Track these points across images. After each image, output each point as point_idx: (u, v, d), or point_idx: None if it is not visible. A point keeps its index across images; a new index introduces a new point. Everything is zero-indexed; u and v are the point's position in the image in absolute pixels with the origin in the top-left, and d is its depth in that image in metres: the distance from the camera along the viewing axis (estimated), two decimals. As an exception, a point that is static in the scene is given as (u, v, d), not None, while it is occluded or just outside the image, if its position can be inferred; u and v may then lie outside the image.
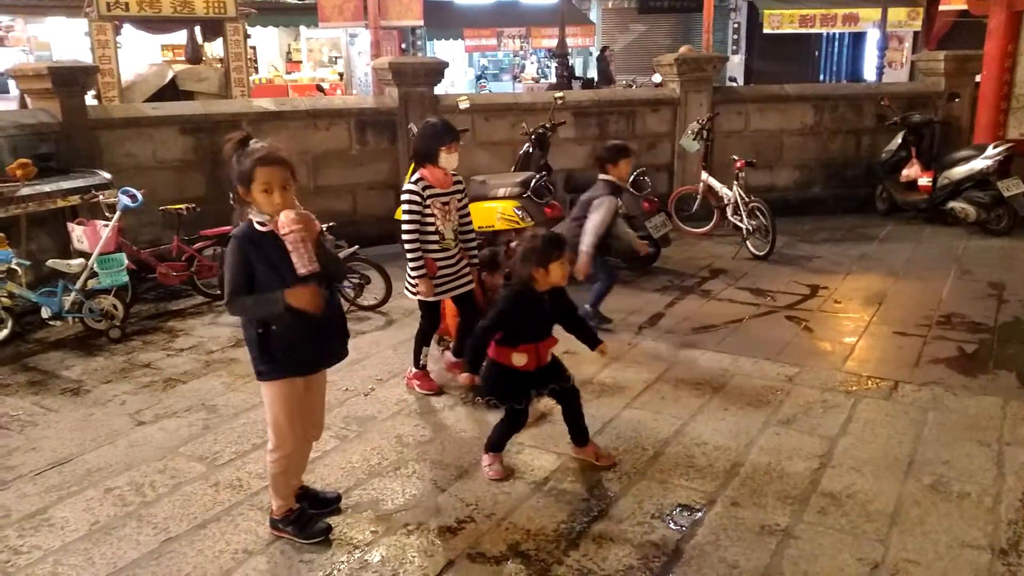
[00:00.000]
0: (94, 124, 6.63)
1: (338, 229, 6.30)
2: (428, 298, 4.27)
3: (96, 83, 9.20)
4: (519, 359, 3.41)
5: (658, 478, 3.53)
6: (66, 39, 16.94)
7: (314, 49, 22.80)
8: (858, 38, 24.19)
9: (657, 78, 10.04)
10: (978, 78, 8.68)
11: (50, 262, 5.36)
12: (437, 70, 7.98)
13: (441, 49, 22.31)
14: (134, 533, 3.18)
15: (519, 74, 24.42)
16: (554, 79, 17.59)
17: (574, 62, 22.65)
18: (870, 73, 22.20)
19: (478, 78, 24.42)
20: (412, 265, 4.20)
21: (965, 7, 10.37)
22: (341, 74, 20.98)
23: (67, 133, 6.38)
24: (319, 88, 15.95)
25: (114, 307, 5.36)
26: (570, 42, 21.19)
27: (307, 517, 3.13)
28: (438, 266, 4.20)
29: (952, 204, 7.90)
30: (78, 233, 5.49)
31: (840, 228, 8.19)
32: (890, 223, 8.36)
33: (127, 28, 10.98)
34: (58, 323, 5.42)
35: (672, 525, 3.17)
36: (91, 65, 7.52)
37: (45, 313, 5.31)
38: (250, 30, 17.85)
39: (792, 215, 8.28)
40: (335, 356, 3.12)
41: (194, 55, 12.17)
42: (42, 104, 6.56)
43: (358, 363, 4.83)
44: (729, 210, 7.55)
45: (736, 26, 23.83)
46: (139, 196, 5.50)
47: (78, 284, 5.25)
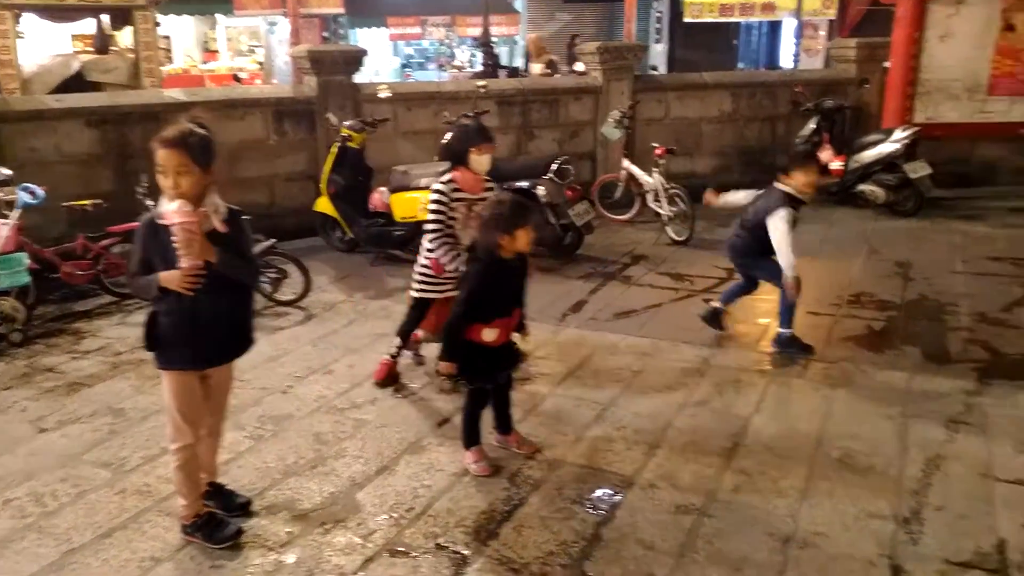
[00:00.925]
0: (-8, 117, 6.30)
1: (255, 222, 6.14)
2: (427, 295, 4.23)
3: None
4: (490, 335, 3.32)
5: (579, 463, 3.55)
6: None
7: (232, 38, 22.13)
8: (775, 26, 24.78)
9: (580, 66, 10.07)
10: (887, 65, 8.99)
11: (-57, 264, 5.07)
12: (356, 58, 7.84)
13: (364, 37, 21.92)
14: (34, 546, 3.04)
15: (446, 63, 24.21)
16: (480, 68, 17.52)
17: (499, 51, 22.59)
18: (787, 61, 22.80)
19: (403, 67, 24.12)
20: (445, 259, 4.06)
21: (874, -4, 10.70)
22: (261, 63, 20.45)
23: (-40, 127, 6.04)
24: (235, 78, 15.50)
25: (14, 309, 5.10)
26: (495, 31, 21.13)
27: (216, 521, 3.04)
28: (441, 268, 4.13)
29: (862, 187, 8.17)
30: (-26, 232, 5.20)
31: (757, 212, 8.36)
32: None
33: (32, 17, 10.47)
34: (-46, 328, 5.13)
35: (591, 509, 3.20)
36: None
37: (-61, 318, 5.02)
38: (163, 18, 17.22)
39: (712, 200, 8.42)
40: (226, 353, 3.03)
41: (102, 45, 11.68)
42: (-69, 96, 6.20)
43: (276, 360, 4.72)
44: (650, 197, 7.65)
45: (659, 15, 24.16)
46: (40, 192, 5.24)
47: (-26, 286, 4.97)
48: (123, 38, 12.70)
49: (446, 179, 4.09)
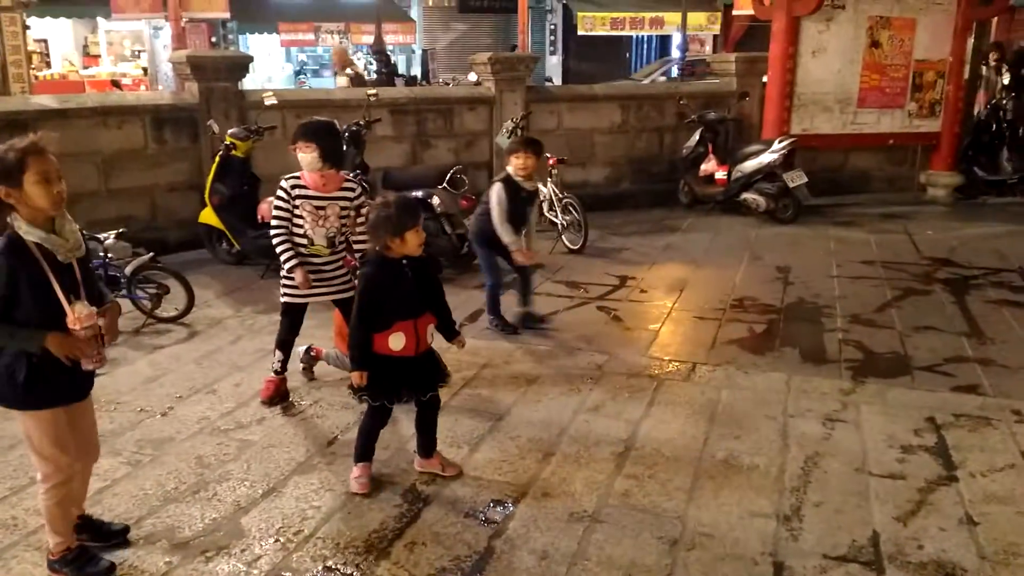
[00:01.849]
0: None
1: (135, 235, 5.87)
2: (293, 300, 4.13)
3: None
4: (396, 341, 3.20)
5: (472, 475, 3.53)
6: None
7: (114, 42, 21.13)
8: (665, 40, 25.66)
9: (473, 76, 10.11)
10: (765, 78, 9.41)
11: None
12: (241, 64, 7.62)
13: (255, 43, 21.36)
14: None
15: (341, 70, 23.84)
16: (375, 76, 17.34)
17: (397, 59, 22.44)
18: (676, 74, 23.58)
19: (298, 73, 23.62)
20: (283, 259, 4.05)
21: (754, 12, 11.17)
22: (145, 69, 19.61)
23: None
24: (115, 84, 14.78)
25: None
26: (391, 39, 20.98)
27: (88, 556, 2.86)
28: (307, 269, 4.04)
29: (745, 196, 8.52)
30: None
31: (647, 221, 8.61)
32: (692, 215, 8.90)
33: None
34: None
35: (484, 522, 3.18)
36: None
37: None
38: (38, 21, 16.29)
39: (604, 210, 8.61)
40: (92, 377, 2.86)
41: (-36, 47, 10.92)
42: None
43: (155, 380, 4.50)
44: (545, 206, 7.73)
45: (553, 27, 24.58)
46: None
47: None
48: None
49: (288, 176, 4.06)
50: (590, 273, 6.65)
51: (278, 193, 4.04)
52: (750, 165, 8.43)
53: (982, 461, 3.62)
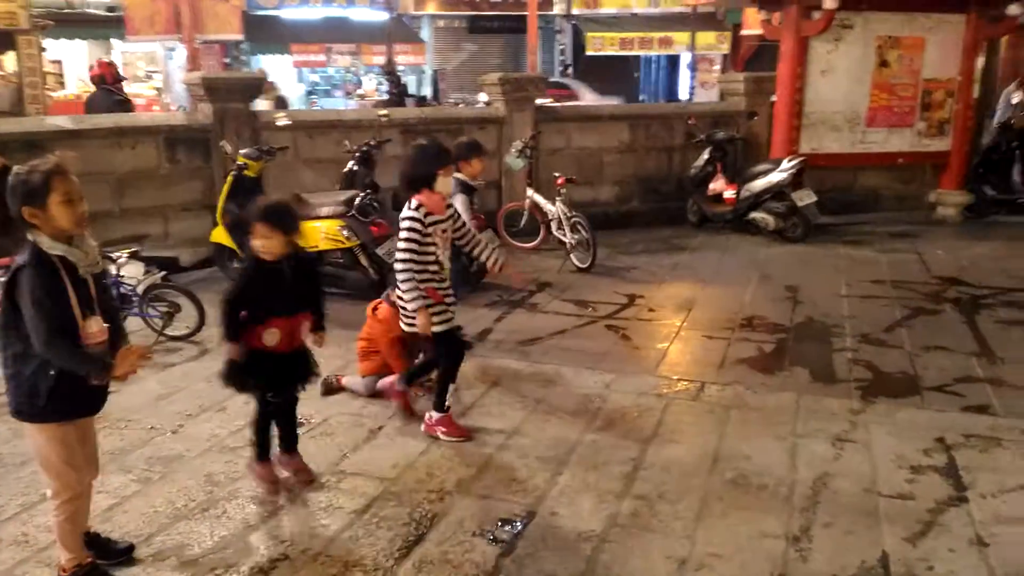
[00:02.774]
0: None
1: (148, 254, 5.92)
2: (429, 331, 3.93)
3: None
4: (270, 337, 3.33)
5: (481, 494, 3.53)
6: None
7: (129, 63, 21.42)
8: (674, 60, 25.77)
9: (484, 97, 10.19)
10: (774, 98, 9.44)
11: None
12: (254, 85, 7.70)
13: (268, 64, 21.61)
14: None
15: (353, 90, 24.08)
16: (386, 96, 17.51)
17: (407, 80, 22.64)
18: (685, 93, 23.72)
19: (309, 94, 23.87)
20: (408, 297, 3.85)
21: (762, 32, 11.22)
22: (159, 89, 19.87)
23: None
24: (130, 104, 14.93)
25: None
26: (401, 60, 21.20)
27: (99, 573, 2.88)
28: (440, 295, 3.95)
29: (754, 215, 8.52)
30: None
31: (656, 240, 8.62)
32: (701, 234, 8.91)
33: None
34: None
35: (493, 541, 3.18)
36: None
37: None
38: (53, 43, 16.54)
39: (613, 228, 8.63)
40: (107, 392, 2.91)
41: (-17, 69, 11.13)
42: None
43: (166, 398, 4.53)
44: (553, 225, 7.76)
45: (562, 48, 24.74)
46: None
47: None
48: (8, 63, 12.13)
49: (415, 206, 3.86)
50: (598, 292, 6.66)
51: (411, 226, 3.82)
52: (759, 184, 8.44)
53: (993, 482, 3.59)
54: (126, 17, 10.71)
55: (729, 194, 8.74)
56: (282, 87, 18.42)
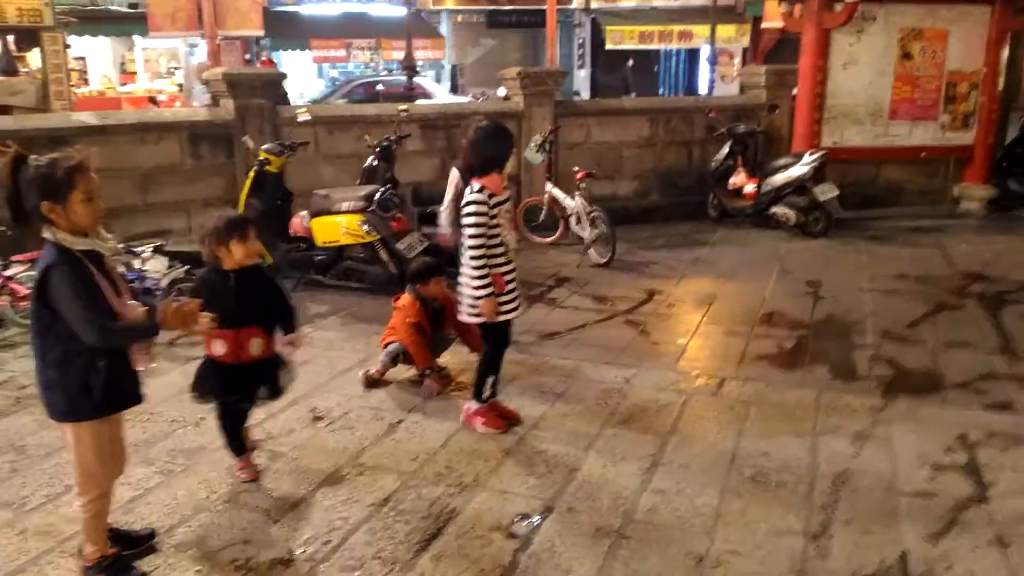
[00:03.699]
0: None
1: (171, 248, 6.00)
2: (496, 319, 3.89)
3: None
4: (218, 347, 3.38)
5: (498, 489, 3.54)
6: None
7: (151, 59, 21.66)
8: (693, 53, 25.60)
9: (503, 91, 10.18)
10: (795, 91, 9.36)
11: None
12: (275, 81, 7.76)
13: (288, 60, 21.73)
14: (-79, 595, 2.86)
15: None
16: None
17: (426, 75, 22.68)
18: (705, 87, 23.56)
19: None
20: (478, 284, 3.78)
21: (783, 25, 11.13)
22: (180, 85, 20.02)
23: None
24: (152, 100, 15.12)
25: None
26: (421, 55, 21.22)
27: (122, 563, 2.93)
28: (505, 280, 3.86)
29: (775, 209, 8.46)
30: None
31: (676, 234, 8.58)
32: (721, 228, 8.86)
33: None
34: None
35: (510, 536, 3.19)
36: None
37: None
38: (77, 40, 16.72)
39: (633, 223, 8.60)
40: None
41: (9, 67, 11.26)
42: None
43: (187, 391, 4.56)
44: (573, 220, 7.75)
45: (581, 42, 24.65)
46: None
47: None
48: (33, 60, 12.28)
49: (478, 188, 3.77)
50: (618, 287, 6.65)
51: (478, 210, 3.72)
52: (780, 178, 8.38)
53: (1015, 481, 3.56)
54: (148, 13, 10.76)
55: (750, 188, 8.69)
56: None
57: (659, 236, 8.49)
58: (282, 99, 8.67)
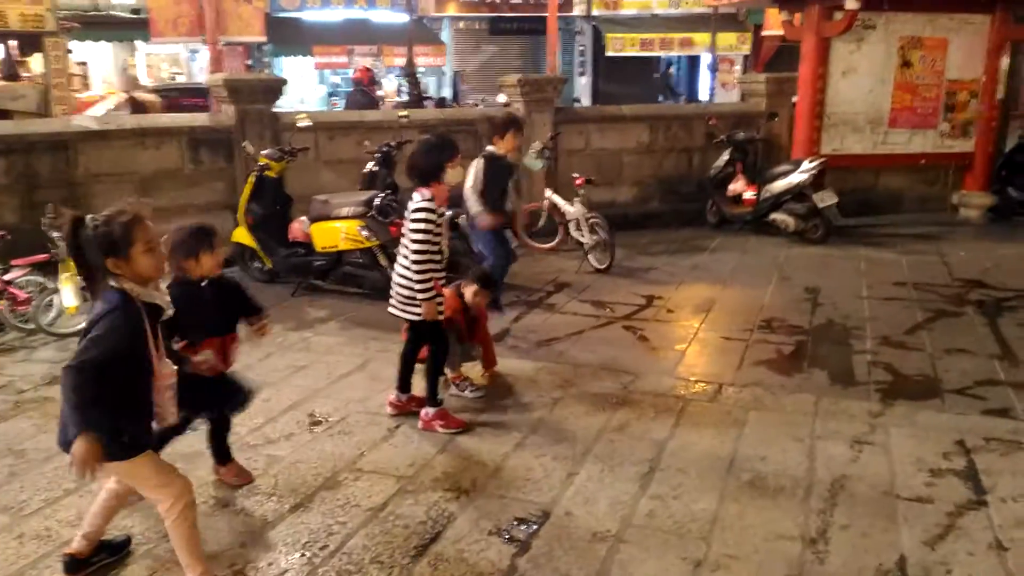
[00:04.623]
0: None
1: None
2: (436, 317, 4.11)
3: None
4: (209, 360, 3.35)
5: (497, 494, 3.55)
6: None
7: (153, 65, 21.72)
8: (694, 61, 25.64)
9: (503, 98, 10.20)
10: (795, 99, 9.38)
11: None
12: (275, 87, 7.78)
13: (289, 66, 21.78)
14: (-82, 599, 2.86)
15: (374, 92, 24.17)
16: (406, 98, 17.57)
17: (427, 81, 22.72)
18: (705, 94, 23.61)
19: (330, 95, 24.00)
20: (421, 287, 4.00)
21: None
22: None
23: None
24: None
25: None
26: (422, 62, 21.26)
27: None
28: (440, 284, 4.14)
29: (774, 216, 8.47)
30: None
31: (675, 241, 8.59)
32: (720, 235, 8.87)
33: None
34: None
35: (508, 540, 3.19)
36: None
37: None
38: (79, 45, 16.79)
39: (632, 229, 8.61)
40: None
41: (10, 72, 11.30)
42: None
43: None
44: (572, 226, 7.76)
45: (582, 48, 24.69)
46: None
47: None
48: (35, 64, 12.32)
49: (428, 197, 3.97)
50: (616, 293, 6.65)
51: (427, 218, 3.94)
52: (779, 185, 8.40)
53: (1013, 486, 3.56)
54: (151, 19, 10.83)
55: (749, 195, 8.70)
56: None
57: (658, 242, 8.50)
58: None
